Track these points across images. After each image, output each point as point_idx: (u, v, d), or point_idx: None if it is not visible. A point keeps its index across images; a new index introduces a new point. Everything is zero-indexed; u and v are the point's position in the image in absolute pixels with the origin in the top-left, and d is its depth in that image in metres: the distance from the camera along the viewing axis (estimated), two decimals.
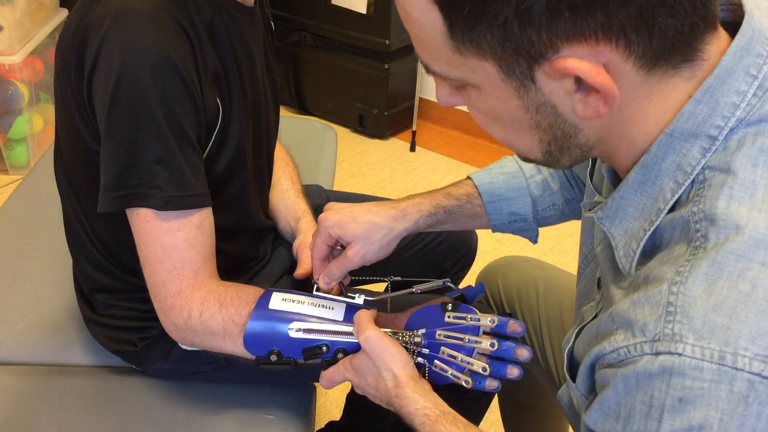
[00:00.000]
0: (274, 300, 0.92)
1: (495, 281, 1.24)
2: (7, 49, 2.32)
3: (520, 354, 0.85)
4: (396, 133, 3.01)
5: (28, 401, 1.07)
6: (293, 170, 1.30)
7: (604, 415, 0.60)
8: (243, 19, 1.00)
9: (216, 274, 0.96)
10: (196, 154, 0.91)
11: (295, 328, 0.90)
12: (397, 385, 0.83)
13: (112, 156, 0.87)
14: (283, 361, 0.91)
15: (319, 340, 0.90)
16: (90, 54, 0.86)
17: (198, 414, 1.06)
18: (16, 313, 1.21)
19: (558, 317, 1.15)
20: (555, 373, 1.14)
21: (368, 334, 0.85)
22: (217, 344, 0.93)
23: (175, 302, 0.91)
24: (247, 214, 1.11)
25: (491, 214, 1.03)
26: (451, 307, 0.90)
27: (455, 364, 0.86)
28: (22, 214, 1.45)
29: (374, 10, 2.69)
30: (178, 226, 0.89)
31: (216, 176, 0.98)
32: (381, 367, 0.84)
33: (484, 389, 0.86)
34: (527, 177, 1.04)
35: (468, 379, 0.85)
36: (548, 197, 1.04)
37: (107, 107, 0.85)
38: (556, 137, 0.62)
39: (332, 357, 0.90)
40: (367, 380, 0.87)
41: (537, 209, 1.04)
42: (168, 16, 0.87)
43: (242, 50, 1.00)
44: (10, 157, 2.52)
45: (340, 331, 0.91)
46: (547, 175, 1.04)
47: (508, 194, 1.03)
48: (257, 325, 0.90)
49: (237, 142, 0.99)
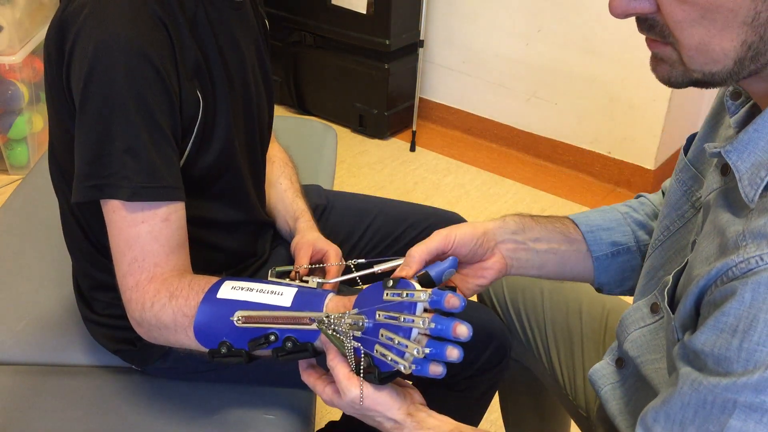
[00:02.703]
0: (223, 289, 0.87)
1: (500, 283, 1.23)
2: (7, 49, 2.32)
3: (460, 332, 0.75)
4: (396, 133, 3.01)
5: (27, 401, 1.07)
6: (292, 170, 1.30)
7: (718, 331, 0.61)
8: (230, 13, 1.00)
9: (183, 268, 0.93)
10: (169, 145, 0.90)
11: (237, 318, 0.84)
12: (399, 428, 0.81)
13: (84, 143, 0.88)
14: (234, 353, 0.85)
15: (266, 329, 0.84)
16: (68, 43, 0.87)
17: (198, 414, 1.06)
18: (16, 313, 1.21)
19: (563, 319, 1.15)
20: (560, 374, 1.14)
21: (353, 395, 0.79)
22: (173, 338, 0.90)
23: (132, 295, 0.89)
24: (247, 208, 1.11)
25: (592, 244, 0.96)
26: (391, 284, 0.80)
27: (394, 348, 0.77)
28: (22, 214, 1.45)
29: (374, 10, 2.69)
30: (143, 217, 0.88)
31: (205, 169, 0.98)
32: (374, 417, 0.82)
33: (428, 375, 0.76)
34: (621, 212, 0.99)
35: (405, 364, 0.75)
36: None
37: (80, 95, 0.86)
38: (763, 39, 0.62)
39: (281, 346, 0.83)
40: (366, 419, 0.84)
41: (640, 242, 0.98)
42: (146, 6, 0.87)
43: (229, 44, 1.00)
44: (10, 157, 2.52)
45: (287, 318, 0.84)
46: (641, 216, 1.00)
47: (606, 225, 0.97)
48: (205, 316, 0.86)
49: (225, 134, 0.99)
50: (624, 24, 2.45)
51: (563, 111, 2.73)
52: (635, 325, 0.89)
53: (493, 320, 1.16)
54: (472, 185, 2.66)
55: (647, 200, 1.02)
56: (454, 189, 2.64)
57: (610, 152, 2.68)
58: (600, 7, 2.47)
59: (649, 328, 0.88)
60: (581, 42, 2.58)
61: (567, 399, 1.13)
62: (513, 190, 2.66)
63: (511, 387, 1.32)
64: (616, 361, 0.95)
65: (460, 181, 2.69)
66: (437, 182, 2.68)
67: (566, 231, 0.96)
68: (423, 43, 2.86)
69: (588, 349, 1.11)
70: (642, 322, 0.89)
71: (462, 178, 2.70)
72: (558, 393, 1.16)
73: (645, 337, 0.88)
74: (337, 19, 2.81)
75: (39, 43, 2.46)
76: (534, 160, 2.85)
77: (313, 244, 1.14)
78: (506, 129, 2.90)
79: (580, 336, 1.12)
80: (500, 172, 2.77)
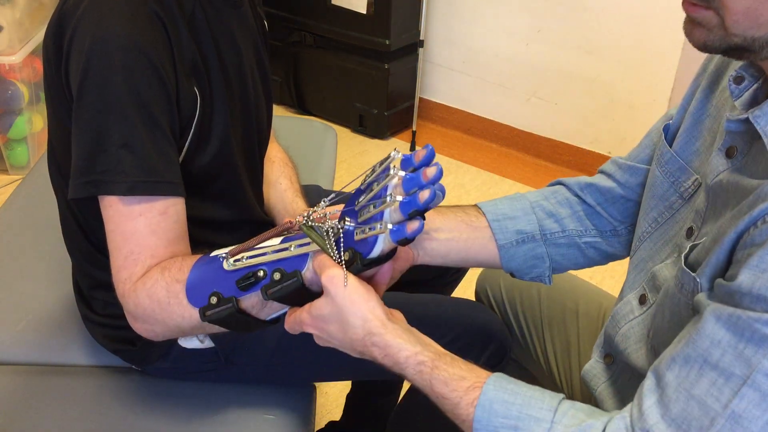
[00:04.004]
0: (216, 252, 0.87)
1: (497, 282, 1.24)
2: (7, 49, 2.32)
3: (429, 173, 0.73)
4: (396, 133, 3.01)
5: (27, 401, 1.07)
6: (292, 170, 1.30)
7: (759, 271, 0.62)
8: (229, 12, 1.01)
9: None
10: (167, 141, 0.90)
11: (223, 255, 0.83)
12: (370, 332, 0.75)
13: (80, 140, 0.87)
14: (225, 302, 0.82)
15: (255, 266, 0.82)
16: (65, 40, 0.88)
17: (198, 414, 1.06)
18: (16, 313, 1.21)
19: (560, 319, 1.15)
20: (557, 374, 1.14)
21: (331, 273, 0.75)
22: (167, 316, 0.87)
23: (125, 288, 0.88)
24: (245, 207, 1.11)
25: (497, 232, 0.98)
26: (365, 187, 0.79)
27: (372, 217, 0.74)
28: (22, 214, 1.45)
29: (374, 10, 2.69)
30: (140, 211, 0.87)
31: (202, 168, 0.98)
32: (347, 312, 0.75)
33: (407, 234, 0.73)
34: (530, 201, 1.01)
35: (384, 223, 0.73)
36: (564, 221, 1.00)
37: (77, 90, 0.86)
38: None
39: (270, 281, 0.80)
40: (329, 329, 0.78)
41: (547, 231, 1.00)
42: (142, 4, 0.87)
43: (227, 43, 1.01)
44: (10, 157, 2.52)
45: (274, 250, 0.82)
46: (550, 205, 1.01)
47: (513, 213, 1.00)
48: (196, 273, 0.85)
49: (222, 134, 0.99)
50: (624, 24, 2.45)
51: (563, 111, 2.73)
52: (625, 319, 0.90)
53: (493, 320, 1.16)
54: (472, 185, 2.66)
55: (563, 188, 1.03)
56: (454, 189, 2.64)
57: (610, 152, 2.68)
58: (600, 7, 2.47)
59: (637, 320, 0.89)
60: (581, 42, 2.58)
61: None
62: (513, 190, 2.66)
63: None
64: (604, 357, 0.95)
65: (460, 181, 2.69)
66: None
67: (469, 220, 0.99)
68: (423, 43, 2.86)
69: (584, 349, 1.11)
70: (631, 315, 0.89)
71: (462, 178, 2.70)
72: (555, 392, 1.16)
73: (633, 329, 0.89)
74: (337, 19, 2.81)
75: (39, 43, 2.46)
76: (534, 160, 2.85)
77: None
78: (506, 129, 2.90)
79: (576, 337, 1.13)
80: (500, 172, 2.77)
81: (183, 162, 0.95)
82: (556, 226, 1.00)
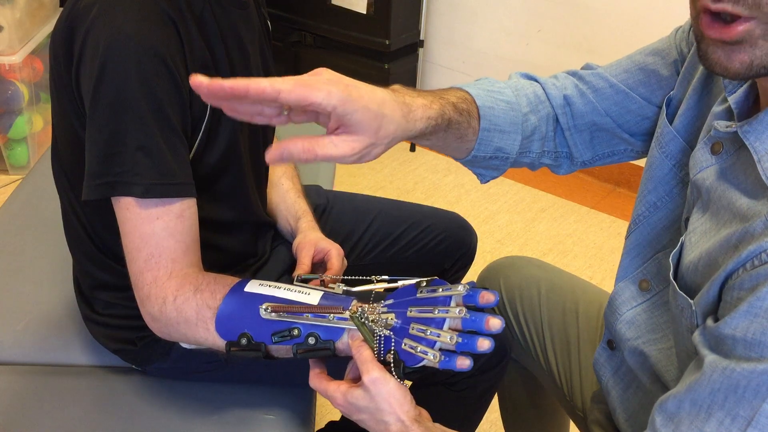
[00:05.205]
0: (251, 285, 0.89)
1: (497, 282, 1.24)
2: (7, 49, 2.32)
3: (492, 324, 0.77)
4: None
5: (28, 401, 1.07)
6: (293, 171, 1.30)
7: (752, 316, 0.61)
8: (236, 13, 1.01)
9: (198, 265, 0.94)
10: (181, 142, 0.91)
11: (265, 307, 0.85)
12: (404, 430, 0.80)
13: (95, 142, 0.88)
14: (253, 346, 0.86)
15: (291, 323, 0.85)
16: (77, 42, 0.87)
17: (198, 414, 1.06)
18: (16, 313, 1.21)
19: (560, 318, 1.15)
20: (556, 373, 1.14)
21: (375, 375, 0.79)
22: (191, 333, 0.90)
23: (150, 291, 0.90)
24: (248, 208, 1.11)
25: (480, 144, 0.91)
26: (425, 284, 0.84)
27: (425, 339, 0.79)
28: (22, 214, 1.45)
29: (374, 10, 2.69)
30: (158, 214, 0.88)
31: (209, 168, 0.99)
32: (384, 411, 0.80)
33: (455, 368, 0.78)
34: (522, 113, 0.94)
35: (436, 353, 0.78)
36: (535, 143, 0.95)
37: (91, 93, 0.86)
38: None
39: (303, 341, 0.85)
40: (361, 417, 0.82)
41: (520, 151, 0.95)
42: (154, 4, 0.87)
43: (234, 43, 1.01)
44: (10, 157, 2.52)
45: (317, 310, 0.85)
46: (536, 121, 0.95)
47: (505, 127, 0.92)
48: (230, 306, 0.87)
49: (230, 134, 1.00)
50: (624, 24, 2.45)
51: None
52: (627, 305, 0.89)
53: None
54: (472, 185, 2.66)
55: (548, 104, 0.95)
56: (454, 189, 2.64)
57: None
58: (600, 7, 2.47)
59: (642, 307, 0.87)
60: (581, 42, 2.58)
61: (565, 399, 1.13)
62: (513, 190, 2.66)
63: (510, 387, 1.32)
64: (607, 342, 0.95)
65: (460, 181, 2.69)
66: (437, 182, 2.68)
67: (464, 131, 0.90)
68: (423, 43, 2.86)
69: (584, 349, 1.11)
70: (633, 301, 0.88)
71: (462, 178, 2.70)
72: (556, 393, 1.16)
73: (641, 317, 0.88)
74: (337, 19, 2.81)
75: (39, 43, 2.46)
76: None
77: (315, 244, 1.14)
78: None
79: (576, 336, 1.13)
80: None
81: (191, 161, 0.95)
82: (527, 146, 0.95)
